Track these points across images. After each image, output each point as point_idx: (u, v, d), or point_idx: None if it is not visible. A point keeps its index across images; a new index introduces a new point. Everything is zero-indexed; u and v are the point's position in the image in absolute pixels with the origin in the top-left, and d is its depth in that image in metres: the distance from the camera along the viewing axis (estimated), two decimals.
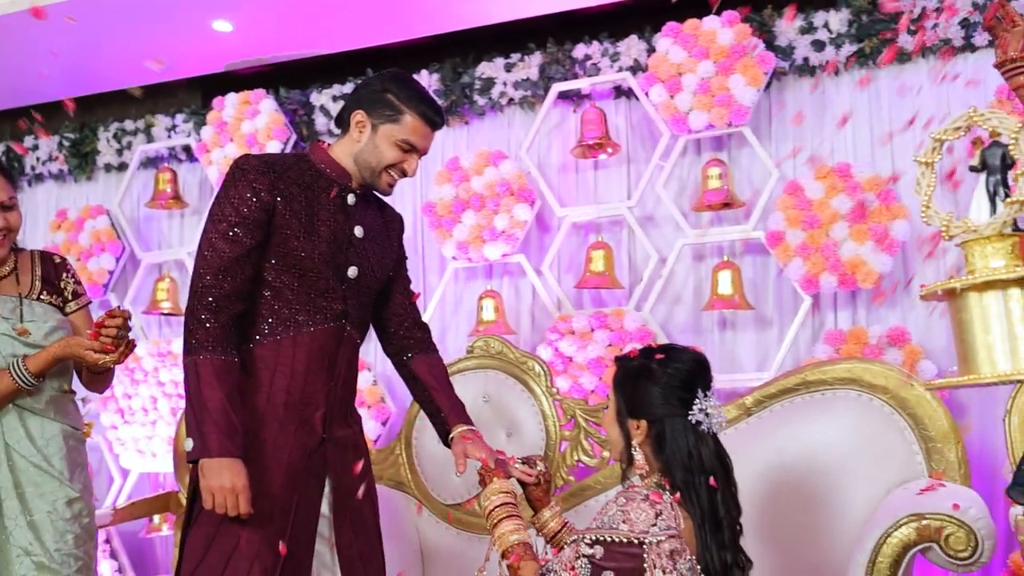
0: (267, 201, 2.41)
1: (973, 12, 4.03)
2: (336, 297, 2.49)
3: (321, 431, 2.48)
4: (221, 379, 2.31)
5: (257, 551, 2.33)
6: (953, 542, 2.61)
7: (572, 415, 3.71)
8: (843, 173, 4.06)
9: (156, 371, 5.10)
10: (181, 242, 5.54)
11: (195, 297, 2.36)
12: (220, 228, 2.39)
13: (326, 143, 2.59)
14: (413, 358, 2.79)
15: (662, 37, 4.41)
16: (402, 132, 2.50)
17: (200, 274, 2.38)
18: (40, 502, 2.62)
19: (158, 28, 4.89)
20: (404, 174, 2.56)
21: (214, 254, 2.37)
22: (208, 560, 2.33)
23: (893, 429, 3.13)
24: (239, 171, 2.43)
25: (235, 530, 2.33)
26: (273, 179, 2.44)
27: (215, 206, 2.43)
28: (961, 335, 1.72)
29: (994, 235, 1.71)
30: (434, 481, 3.84)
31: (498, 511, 2.38)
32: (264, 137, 5.07)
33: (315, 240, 2.46)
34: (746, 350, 4.44)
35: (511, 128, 4.93)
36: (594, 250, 4.46)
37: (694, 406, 2.26)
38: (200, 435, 2.28)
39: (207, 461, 2.26)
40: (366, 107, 2.51)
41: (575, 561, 2.15)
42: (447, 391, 2.76)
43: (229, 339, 2.37)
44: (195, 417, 2.30)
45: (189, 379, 2.32)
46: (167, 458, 5.07)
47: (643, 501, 2.16)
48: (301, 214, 2.46)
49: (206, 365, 2.31)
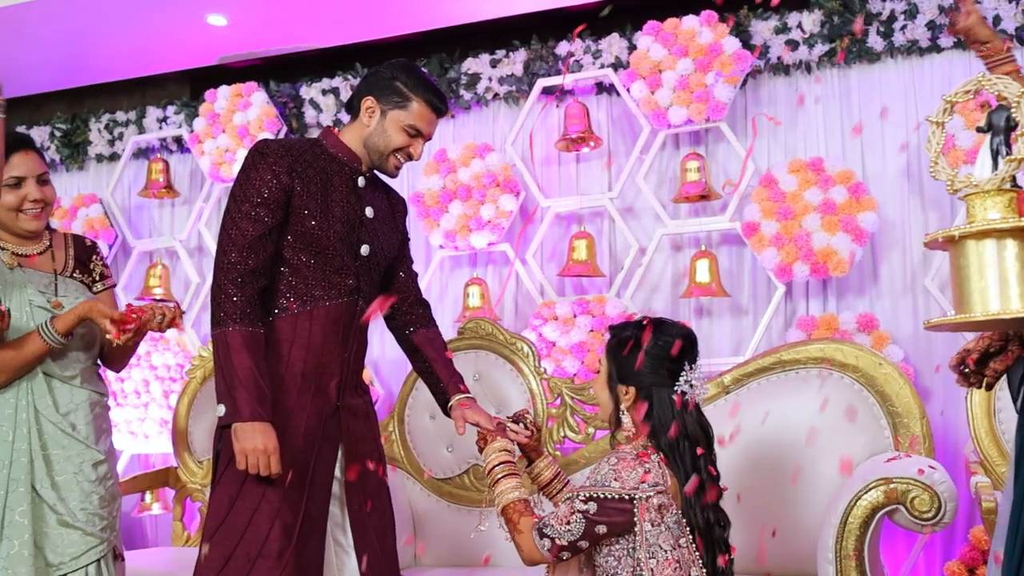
0: (286, 183, 2.56)
1: (938, 15, 4.24)
2: (350, 274, 2.65)
3: (335, 399, 2.65)
4: (249, 348, 2.45)
5: (278, 509, 2.49)
6: (918, 503, 2.80)
7: (559, 393, 3.88)
8: (815, 167, 4.24)
9: (148, 355, 5.22)
10: (172, 230, 5.67)
11: (221, 273, 2.50)
12: (243, 208, 2.53)
13: (336, 128, 2.75)
14: (415, 332, 2.95)
15: (643, 35, 4.59)
16: (409, 117, 2.66)
17: (226, 251, 2.51)
18: (66, 464, 2.73)
19: (152, 21, 4.99)
20: (410, 157, 2.71)
21: (239, 232, 2.51)
22: (232, 518, 2.49)
23: (863, 405, 3.33)
24: (259, 155, 2.58)
25: (257, 489, 2.48)
26: (291, 162, 2.59)
27: (237, 188, 2.57)
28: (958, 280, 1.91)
29: (993, 190, 1.90)
30: (426, 456, 4.01)
31: (497, 470, 2.54)
32: (256, 129, 5.20)
33: (330, 220, 2.61)
34: (722, 336, 4.62)
35: (496, 122, 5.09)
36: (577, 239, 4.62)
37: (680, 377, 2.43)
38: (232, 401, 2.42)
39: (240, 425, 2.41)
40: (376, 94, 2.67)
41: (570, 516, 2.31)
42: (446, 363, 2.92)
43: (255, 312, 2.51)
44: (226, 384, 2.44)
45: (219, 349, 2.47)
46: (158, 439, 5.20)
47: (633, 460, 2.32)
48: (317, 195, 2.61)
49: (235, 336, 2.45)
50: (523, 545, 2.41)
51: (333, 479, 2.65)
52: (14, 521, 2.62)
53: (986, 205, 1.92)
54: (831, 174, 4.21)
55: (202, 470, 4.32)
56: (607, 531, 2.30)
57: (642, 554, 2.28)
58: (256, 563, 2.46)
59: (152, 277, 5.41)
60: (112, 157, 5.85)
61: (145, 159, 5.74)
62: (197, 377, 4.38)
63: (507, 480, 2.51)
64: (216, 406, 2.46)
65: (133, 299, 5.45)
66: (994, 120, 2.03)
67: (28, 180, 2.80)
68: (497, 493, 2.50)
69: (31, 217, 2.82)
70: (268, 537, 2.47)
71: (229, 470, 2.51)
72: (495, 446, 2.59)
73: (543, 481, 2.73)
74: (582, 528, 2.30)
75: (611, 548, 2.33)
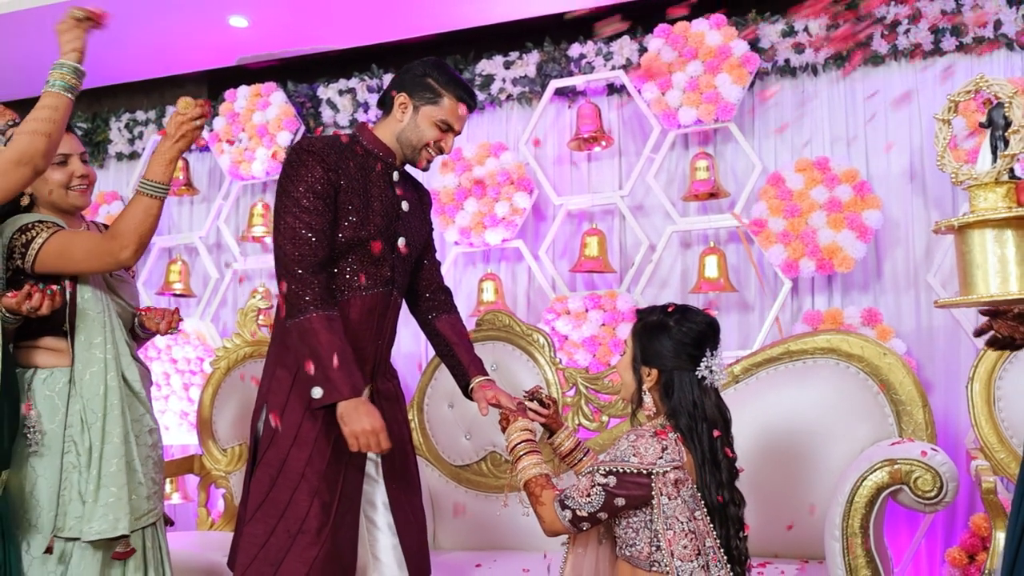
0: (333, 179, 2.68)
1: (941, 19, 4.37)
2: (386, 265, 2.78)
3: (370, 383, 2.78)
4: (333, 330, 2.58)
5: (316, 488, 2.62)
6: (921, 483, 2.94)
7: (574, 383, 4.01)
8: (821, 166, 4.38)
9: (169, 349, 5.35)
10: (191, 226, 5.81)
11: (293, 265, 2.60)
12: (302, 203, 2.63)
13: (369, 124, 2.88)
14: (437, 317, 3.07)
15: (654, 38, 4.72)
16: (441, 113, 2.79)
17: (294, 244, 2.61)
18: (135, 425, 2.86)
19: (173, 22, 5.12)
20: (441, 151, 2.84)
21: (302, 226, 2.62)
22: (273, 496, 2.63)
23: (868, 393, 3.47)
24: (305, 153, 2.69)
25: (297, 469, 2.62)
26: (335, 159, 2.71)
27: (288, 186, 2.67)
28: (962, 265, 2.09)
29: (991, 182, 2.07)
30: (444, 445, 4.15)
31: (519, 447, 2.66)
32: (275, 127, 5.34)
33: (371, 214, 2.74)
34: (729, 330, 4.73)
35: (509, 122, 5.22)
36: (588, 236, 4.75)
37: (701, 363, 2.54)
38: (328, 381, 2.54)
39: (345, 408, 2.53)
40: (408, 90, 2.80)
41: (591, 489, 2.44)
42: (467, 347, 3.04)
43: (331, 298, 2.65)
44: (320, 366, 2.55)
45: (305, 335, 2.57)
46: (178, 431, 5.34)
47: (651, 437, 2.44)
48: (359, 191, 2.74)
49: (319, 320, 2.57)
50: (545, 516, 2.52)
51: (366, 459, 2.78)
52: (110, 472, 2.73)
53: (986, 196, 2.08)
54: (836, 173, 4.34)
55: (226, 457, 4.44)
56: (625, 503, 2.42)
57: (659, 526, 2.40)
58: (296, 539, 2.59)
59: (172, 273, 5.55)
60: (132, 156, 5.99)
61: None
62: (221, 367, 4.51)
63: (529, 457, 2.63)
64: (312, 390, 2.55)
65: (154, 294, 5.59)
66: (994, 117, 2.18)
67: (73, 157, 2.93)
68: (519, 469, 2.62)
69: (79, 193, 2.95)
70: (308, 514, 2.60)
71: (270, 451, 2.64)
72: (517, 425, 2.70)
73: (564, 451, 2.84)
74: (602, 500, 2.42)
75: (630, 520, 2.45)
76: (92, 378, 2.79)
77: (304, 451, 2.64)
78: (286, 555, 2.59)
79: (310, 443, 2.64)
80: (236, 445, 4.47)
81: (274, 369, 2.74)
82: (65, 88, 2.70)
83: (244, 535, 2.64)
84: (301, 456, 2.63)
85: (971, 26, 4.33)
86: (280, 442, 2.65)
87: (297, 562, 2.58)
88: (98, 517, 2.69)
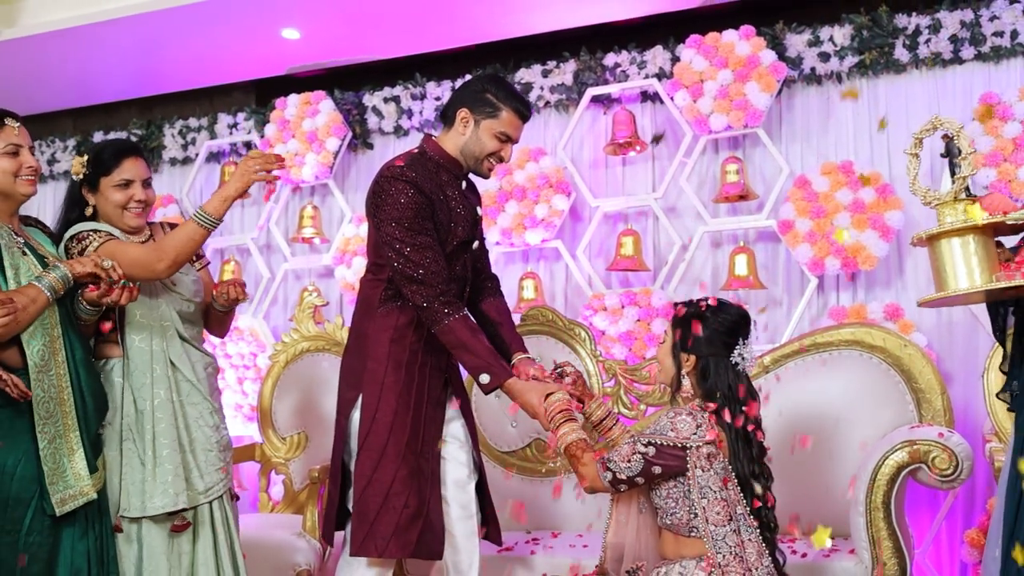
0: (427, 199, 2.97)
1: (961, 29, 4.59)
2: (466, 266, 3.10)
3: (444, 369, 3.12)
4: (473, 329, 2.95)
5: (412, 467, 2.97)
6: (938, 462, 3.20)
7: (613, 374, 4.26)
8: (846, 169, 4.60)
9: (224, 344, 5.61)
10: (242, 228, 6.10)
11: (426, 282, 2.91)
12: (415, 226, 2.93)
13: (433, 136, 3.14)
14: (484, 300, 3.36)
15: (686, 48, 4.96)
16: (500, 125, 3.04)
17: (416, 265, 2.91)
18: (191, 410, 3.16)
19: (227, 34, 5.38)
20: (501, 160, 3.10)
21: (418, 245, 2.92)
22: (377, 476, 2.95)
23: (890, 382, 3.73)
24: (397, 180, 2.96)
25: (396, 451, 2.95)
26: (423, 178, 2.98)
27: (394, 212, 2.94)
28: (936, 267, 2.56)
29: (950, 200, 2.51)
30: (491, 431, 4.41)
31: (557, 416, 2.91)
32: (324, 134, 5.61)
33: (454, 224, 3.03)
34: (758, 325, 4.97)
35: (547, 128, 5.47)
36: (624, 236, 5.00)
37: (735, 350, 2.82)
38: (490, 368, 2.91)
39: (510, 387, 2.94)
40: (469, 105, 3.05)
41: (631, 456, 2.72)
42: (510, 326, 3.34)
43: (460, 300, 3.01)
44: (480, 359, 2.92)
45: (458, 335, 2.92)
46: (233, 423, 5.58)
47: (687, 415, 2.72)
48: (444, 205, 3.02)
49: (461, 322, 2.93)
50: (587, 475, 2.81)
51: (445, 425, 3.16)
52: (163, 455, 3.04)
53: (947, 212, 2.53)
54: (860, 176, 4.57)
55: (285, 445, 4.71)
56: (661, 472, 2.70)
57: (695, 495, 2.68)
58: (402, 513, 2.96)
59: (225, 273, 5.84)
60: (185, 161, 6.28)
61: (216, 163, 6.17)
62: (280, 361, 4.78)
63: (567, 424, 2.89)
64: (479, 377, 2.94)
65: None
66: (950, 148, 2.64)
67: (135, 183, 3.19)
68: (560, 435, 2.88)
69: (134, 215, 3.21)
70: (407, 493, 2.98)
71: (371, 437, 2.97)
72: (554, 398, 2.94)
73: (596, 419, 3.14)
74: (640, 467, 2.71)
75: (669, 490, 2.73)
76: (140, 368, 3.10)
77: (402, 435, 2.96)
78: (394, 528, 2.92)
79: (407, 427, 2.96)
80: (295, 433, 4.74)
81: (365, 362, 3.03)
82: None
83: (355, 513, 2.97)
84: (400, 440, 2.96)
85: (988, 36, 4.53)
86: (378, 429, 2.96)
87: (401, 534, 2.93)
88: (159, 494, 3.01)
